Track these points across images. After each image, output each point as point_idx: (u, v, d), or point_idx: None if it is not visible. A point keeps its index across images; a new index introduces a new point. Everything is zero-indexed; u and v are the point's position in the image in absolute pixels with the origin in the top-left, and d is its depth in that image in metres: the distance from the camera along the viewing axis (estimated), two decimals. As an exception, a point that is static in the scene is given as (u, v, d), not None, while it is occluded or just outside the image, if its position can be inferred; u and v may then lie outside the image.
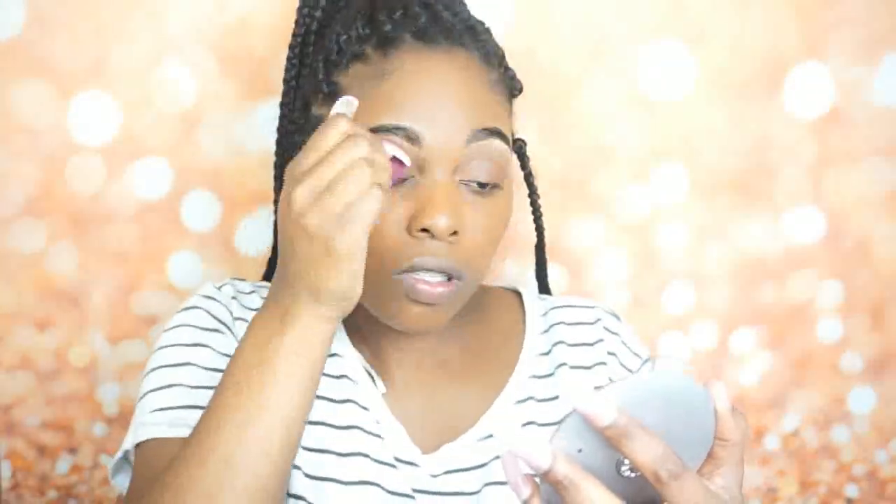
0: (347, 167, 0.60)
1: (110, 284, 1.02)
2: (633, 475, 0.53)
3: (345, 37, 0.73)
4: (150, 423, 0.71)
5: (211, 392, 0.71)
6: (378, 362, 0.79)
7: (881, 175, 1.09)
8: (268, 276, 0.90)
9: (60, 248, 1.01)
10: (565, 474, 0.50)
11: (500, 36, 1.02)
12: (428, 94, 0.70)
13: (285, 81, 0.80)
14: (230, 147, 1.01)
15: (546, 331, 0.83)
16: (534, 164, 0.84)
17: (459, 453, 0.75)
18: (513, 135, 0.77)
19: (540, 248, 0.89)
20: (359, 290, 0.62)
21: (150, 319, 1.04)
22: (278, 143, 0.82)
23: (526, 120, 1.03)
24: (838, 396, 1.13)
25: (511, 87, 0.77)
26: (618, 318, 0.85)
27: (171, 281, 1.03)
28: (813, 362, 1.13)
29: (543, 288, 0.91)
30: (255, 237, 1.02)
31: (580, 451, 0.52)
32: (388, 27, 0.72)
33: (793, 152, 1.08)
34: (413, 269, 0.70)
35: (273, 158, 0.81)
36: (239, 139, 1.01)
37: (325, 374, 0.77)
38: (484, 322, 0.82)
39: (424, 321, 0.72)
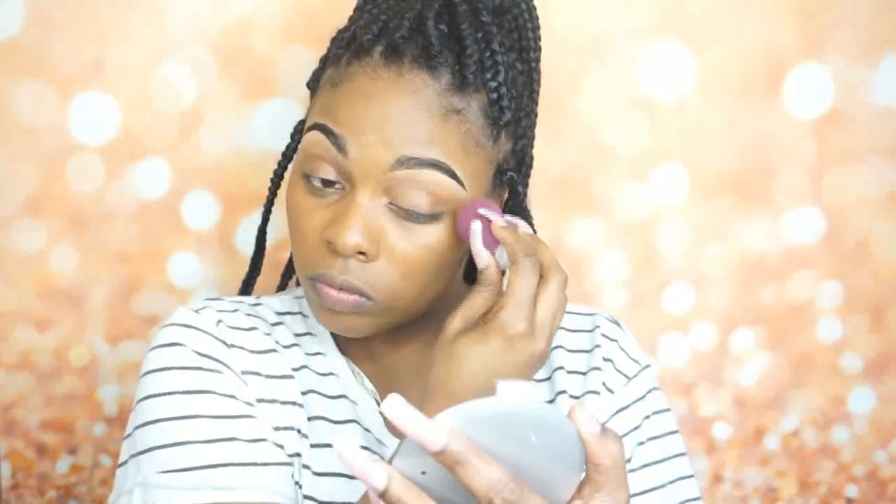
0: None
1: (110, 284, 1.02)
2: None
3: (339, 38, 0.74)
4: (164, 487, 0.69)
5: (225, 443, 0.69)
6: (376, 367, 0.79)
7: (881, 175, 1.09)
8: (244, 290, 0.89)
9: (60, 248, 1.01)
10: (399, 497, 0.48)
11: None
12: (363, 113, 0.69)
13: None
14: (230, 147, 1.01)
15: None
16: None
17: None
18: (499, 166, 0.74)
19: None
20: None
21: (151, 319, 1.04)
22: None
23: (526, 120, 1.03)
24: (838, 397, 1.13)
25: (496, 117, 0.71)
26: (618, 324, 0.85)
27: (172, 281, 1.03)
28: (813, 362, 1.13)
29: None
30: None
31: (424, 472, 0.50)
32: (367, 36, 0.70)
33: (793, 152, 1.08)
34: (317, 278, 0.71)
35: (272, 158, 0.81)
36: (239, 139, 1.01)
37: (323, 395, 0.77)
38: None
39: (339, 325, 0.72)
